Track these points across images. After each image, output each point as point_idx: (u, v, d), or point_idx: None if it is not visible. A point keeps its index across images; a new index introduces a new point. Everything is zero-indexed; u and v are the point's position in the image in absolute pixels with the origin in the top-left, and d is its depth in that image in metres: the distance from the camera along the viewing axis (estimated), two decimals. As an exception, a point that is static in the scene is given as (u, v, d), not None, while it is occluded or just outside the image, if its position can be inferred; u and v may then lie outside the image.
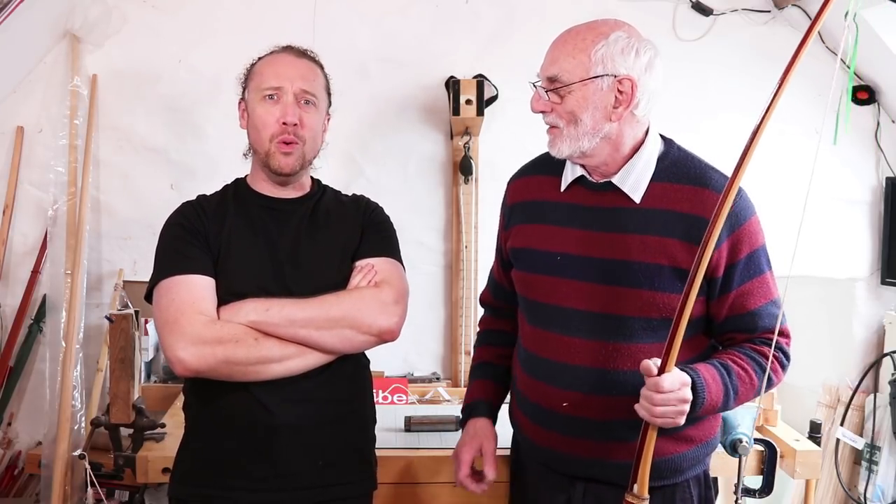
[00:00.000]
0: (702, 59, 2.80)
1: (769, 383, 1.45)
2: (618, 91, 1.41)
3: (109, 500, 2.41)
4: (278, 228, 1.59)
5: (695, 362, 1.42)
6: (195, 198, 1.66)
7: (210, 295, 1.50)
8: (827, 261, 2.86)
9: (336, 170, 2.64)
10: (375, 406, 1.72)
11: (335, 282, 1.55)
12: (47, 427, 2.53)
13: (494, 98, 2.74)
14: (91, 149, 2.69)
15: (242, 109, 1.62)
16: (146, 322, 2.52)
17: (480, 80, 2.62)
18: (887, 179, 2.83)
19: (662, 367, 1.30)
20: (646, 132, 1.49)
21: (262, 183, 1.62)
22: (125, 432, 2.12)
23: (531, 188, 1.62)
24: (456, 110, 2.59)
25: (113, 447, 2.10)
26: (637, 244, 1.43)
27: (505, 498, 1.81)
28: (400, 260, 1.65)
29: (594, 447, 1.49)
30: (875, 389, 2.78)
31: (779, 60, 1.28)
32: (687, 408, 1.33)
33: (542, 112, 1.47)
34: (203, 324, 1.45)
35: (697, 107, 2.77)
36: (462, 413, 1.73)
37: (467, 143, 2.71)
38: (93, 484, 2.15)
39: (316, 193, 1.67)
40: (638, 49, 1.42)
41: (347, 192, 1.74)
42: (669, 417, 1.32)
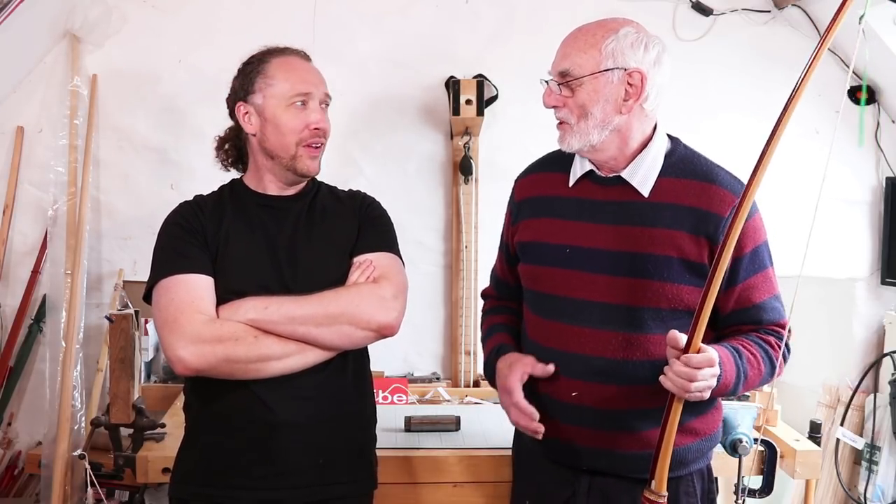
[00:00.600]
0: (702, 59, 2.80)
1: (773, 373, 1.48)
2: (628, 84, 1.45)
3: (109, 500, 2.41)
4: (276, 226, 1.59)
5: None
6: (192, 198, 1.66)
7: (209, 294, 1.50)
8: (827, 261, 2.86)
9: (336, 170, 2.62)
10: (376, 405, 1.72)
11: (334, 278, 1.55)
12: (47, 427, 2.53)
13: (494, 98, 2.74)
14: (91, 149, 2.69)
15: (245, 113, 1.59)
16: (146, 322, 2.52)
17: (480, 80, 2.62)
18: (887, 179, 2.83)
19: (689, 343, 1.31)
20: (653, 129, 1.52)
21: (267, 183, 1.62)
22: (125, 432, 2.12)
23: (539, 184, 1.64)
24: (456, 110, 2.59)
25: (113, 447, 2.10)
26: (646, 237, 1.46)
27: (506, 498, 1.81)
28: (398, 254, 1.65)
29: (602, 437, 1.51)
30: (875, 389, 2.78)
31: (779, 60, 1.28)
32: (713, 384, 1.35)
33: (554, 107, 1.50)
34: (202, 323, 1.45)
35: (697, 107, 2.77)
36: (487, 364, 1.68)
37: (467, 143, 2.71)
38: (93, 484, 2.15)
39: (311, 190, 1.67)
40: (647, 43, 1.45)
41: (347, 192, 1.75)
42: (700, 391, 1.33)
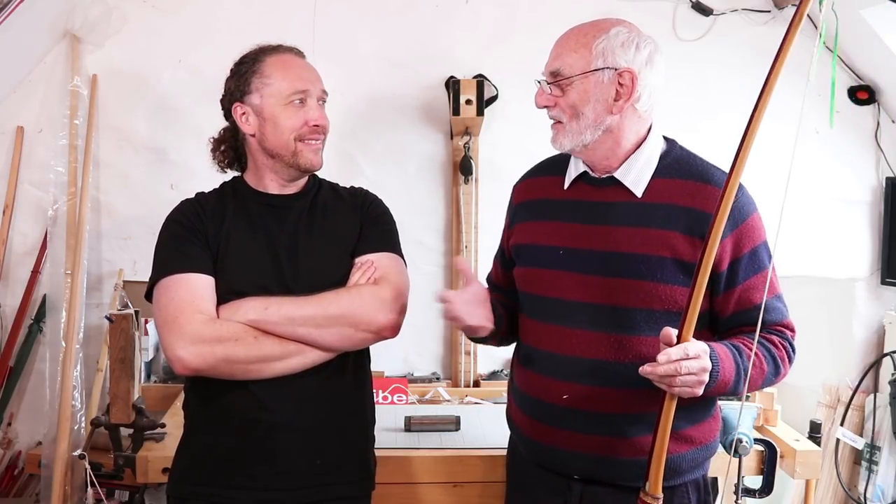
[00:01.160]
0: (702, 59, 2.80)
1: (777, 373, 1.47)
2: (618, 84, 1.44)
3: (109, 500, 2.41)
4: (277, 225, 1.59)
5: None
6: (194, 196, 1.66)
7: (209, 294, 1.50)
8: (827, 261, 2.86)
9: (336, 170, 2.61)
10: (375, 406, 1.72)
11: (335, 278, 1.55)
12: (47, 427, 2.53)
13: (494, 98, 2.74)
14: (91, 149, 2.69)
15: (242, 113, 1.58)
16: (146, 322, 2.52)
17: (480, 80, 2.62)
18: (887, 179, 2.83)
19: (680, 336, 1.30)
20: (648, 130, 1.51)
21: (268, 182, 1.61)
22: (125, 432, 2.12)
23: (536, 188, 1.64)
24: (456, 110, 2.59)
25: (113, 447, 2.10)
26: (639, 237, 1.45)
27: (502, 499, 1.81)
28: (400, 253, 1.65)
29: (594, 442, 1.49)
30: (875, 389, 2.78)
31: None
32: (707, 378, 1.32)
33: (546, 107, 1.50)
34: (202, 323, 1.45)
35: (697, 107, 2.77)
36: None
37: (467, 143, 2.71)
38: (93, 484, 2.15)
39: (313, 188, 1.66)
40: (638, 43, 1.45)
41: (347, 192, 1.74)
42: (689, 386, 1.30)
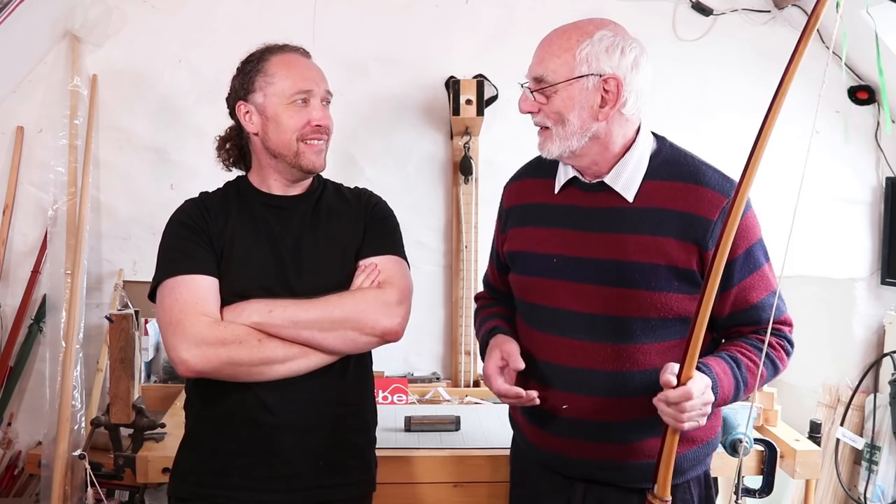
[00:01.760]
0: (702, 59, 2.80)
1: (776, 370, 1.48)
2: (603, 90, 1.40)
3: (109, 500, 2.41)
4: (281, 227, 1.58)
5: (701, 357, 1.43)
6: (198, 195, 1.65)
7: (213, 295, 1.50)
8: (827, 261, 2.86)
9: (336, 170, 2.61)
10: (377, 407, 1.71)
11: (338, 281, 1.55)
12: (47, 427, 2.52)
13: (494, 98, 2.74)
14: (91, 149, 2.69)
15: (245, 112, 1.58)
16: (146, 322, 2.52)
17: (480, 80, 2.62)
18: (887, 179, 2.83)
19: (681, 373, 1.31)
20: (636, 131, 1.48)
21: (271, 182, 1.61)
22: (125, 432, 2.12)
23: (526, 191, 1.62)
24: (456, 110, 2.59)
25: (113, 447, 2.10)
26: (632, 244, 1.43)
27: (505, 498, 1.81)
28: (404, 256, 1.64)
29: (595, 449, 1.49)
30: (875, 389, 2.77)
31: (779, 60, 1.28)
32: (710, 409, 1.35)
33: (530, 112, 1.47)
34: (206, 325, 1.45)
35: (697, 107, 2.77)
36: (482, 347, 1.67)
37: (467, 143, 2.71)
38: (93, 484, 2.15)
39: (317, 189, 1.66)
40: (623, 48, 1.41)
41: (348, 192, 1.74)
42: (695, 421, 1.34)
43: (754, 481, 2.04)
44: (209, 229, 1.56)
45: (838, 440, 2.74)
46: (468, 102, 2.58)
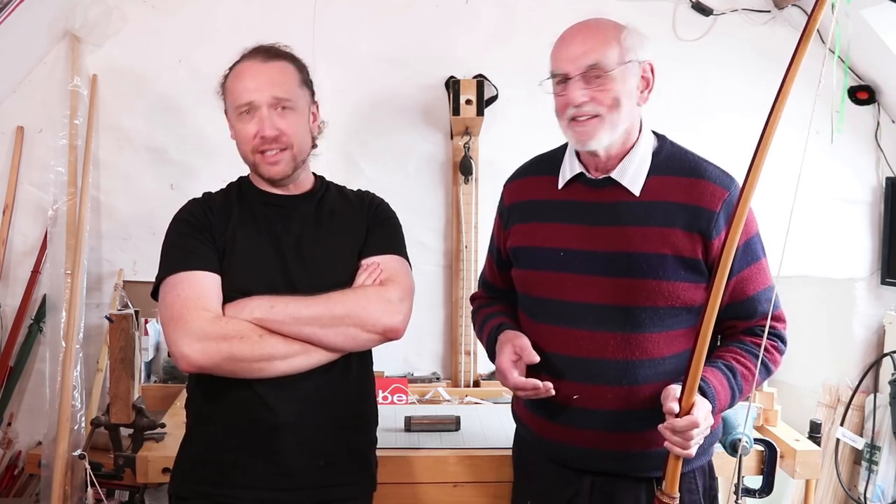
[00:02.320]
0: (702, 59, 2.80)
1: (768, 371, 1.52)
2: (641, 76, 1.49)
3: (109, 500, 2.41)
4: (283, 225, 1.59)
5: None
6: (201, 195, 1.66)
7: (215, 291, 1.50)
8: (827, 261, 2.86)
9: (336, 170, 2.63)
10: (378, 406, 1.71)
11: (341, 279, 1.55)
12: (47, 427, 2.52)
13: (494, 98, 2.74)
14: (91, 149, 2.69)
15: (230, 126, 1.61)
16: (146, 322, 2.53)
17: (480, 80, 2.62)
18: (887, 179, 2.83)
19: (681, 399, 1.34)
20: (639, 128, 1.54)
21: (263, 183, 1.62)
22: (125, 432, 2.12)
23: (529, 188, 1.65)
24: (456, 110, 2.59)
25: (113, 447, 2.10)
26: (639, 236, 1.47)
27: (506, 498, 1.81)
28: (406, 256, 1.65)
29: (605, 438, 1.51)
30: (875, 389, 2.78)
31: (779, 60, 1.29)
32: (709, 428, 1.40)
33: (582, 103, 1.47)
34: (208, 320, 1.45)
35: (697, 107, 2.77)
36: (488, 345, 1.67)
37: (467, 143, 2.71)
38: (93, 484, 2.15)
39: (319, 190, 1.66)
40: (643, 39, 1.50)
41: (348, 192, 1.74)
42: (699, 444, 1.39)
43: (754, 481, 2.04)
44: (211, 227, 1.56)
45: (838, 440, 2.74)
46: (468, 102, 2.58)
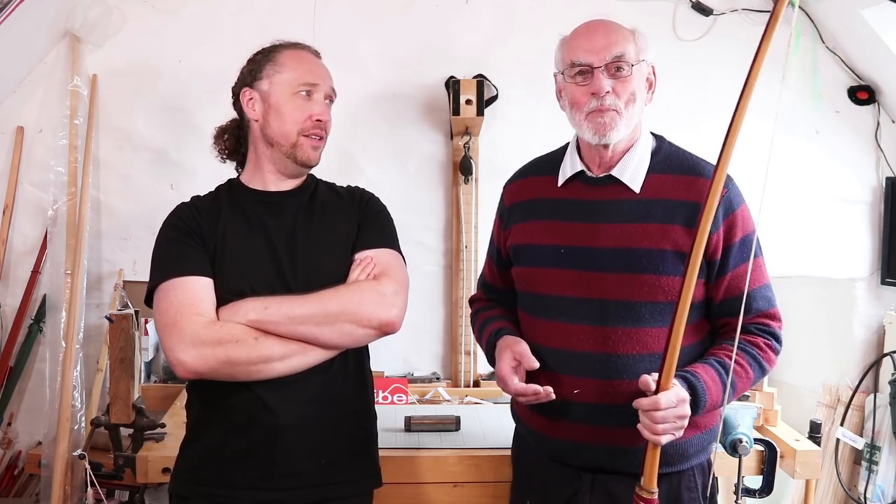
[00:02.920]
0: (702, 59, 2.80)
1: (763, 371, 1.53)
2: (647, 77, 1.53)
3: (109, 500, 2.41)
4: (275, 222, 1.59)
5: (700, 346, 1.53)
6: (189, 199, 1.66)
7: (208, 295, 1.50)
8: (827, 261, 2.86)
9: (336, 170, 2.62)
10: (376, 403, 1.72)
11: (334, 275, 1.55)
12: (47, 427, 2.52)
13: (494, 98, 2.74)
14: (91, 149, 2.69)
15: (249, 99, 1.60)
16: (146, 322, 2.53)
17: (480, 80, 2.62)
18: (887, 179, 2.83)
19: (659, 382, 1.35)
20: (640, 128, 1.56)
21: (265, 175, 1.62)
22: (125, 432, 2.12)
23: (528, 188, 1.66)
24: (456, 110, 2.59)
25: (113, 447, 2.10)
26: (640, 232, 1.49)
27: (506, 498, 1.81)
28: (399, 249, 1.65)
29: (606, 433, 1.52)
30: (875, 389, 2.77)
31: (779, 60, 1.29)
32: (685, 423, 1.39)
33: (606, 94, 1.47)
34: (202, 325, 1.45)
35: (697, 107, 2.77)
36: (489, 350, 1.67)
37: (467, 143, 2.71)
38: (93, 484, 2.15)
39: (309, 185, 1.67)
40: (648, 42, 1.54)
41: (347, 192, 1.74)
42: (669, 433, 1.38)
43: (754, 481, 2.04)
44: (201, 230, 1.56)
45: (838, 440, 2.74)
46: (468, 102, 2.58)
